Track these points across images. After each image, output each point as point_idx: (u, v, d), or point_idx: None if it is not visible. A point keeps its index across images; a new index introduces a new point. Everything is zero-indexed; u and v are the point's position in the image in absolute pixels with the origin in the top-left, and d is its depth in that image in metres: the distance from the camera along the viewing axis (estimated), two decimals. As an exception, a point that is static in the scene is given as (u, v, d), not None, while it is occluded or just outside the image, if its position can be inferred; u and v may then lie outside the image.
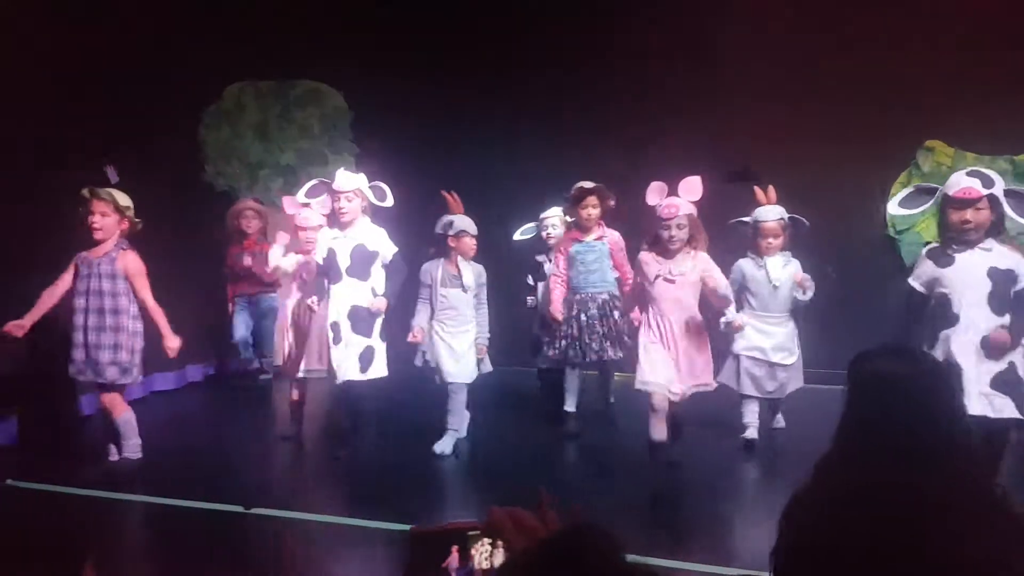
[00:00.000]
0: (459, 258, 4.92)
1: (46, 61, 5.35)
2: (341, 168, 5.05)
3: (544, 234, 5.76)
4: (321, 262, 4.86)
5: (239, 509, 4.06)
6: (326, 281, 4.90)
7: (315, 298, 5.04)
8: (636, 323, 4.86)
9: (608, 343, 5.22)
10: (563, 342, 5.26)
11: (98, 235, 4.43)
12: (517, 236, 6.05)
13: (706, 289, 4.30)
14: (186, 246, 6.46)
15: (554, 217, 5.70)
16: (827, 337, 5.59)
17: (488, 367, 5.13)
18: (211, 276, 6.67)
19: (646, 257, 4.38)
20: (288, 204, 5.27)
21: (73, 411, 5.62)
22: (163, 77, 6.25)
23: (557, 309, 5.26)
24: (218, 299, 6.68)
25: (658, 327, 4.31)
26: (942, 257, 3.81)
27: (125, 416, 4.58)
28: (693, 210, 4.26)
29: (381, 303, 4.78)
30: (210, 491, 4.26)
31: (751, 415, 4.96)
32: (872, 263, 6.48)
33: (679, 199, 4.25)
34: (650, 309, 4.38)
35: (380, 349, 4.87)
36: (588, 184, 5.20)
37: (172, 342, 4.55)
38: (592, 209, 5.22)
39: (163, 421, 5.61)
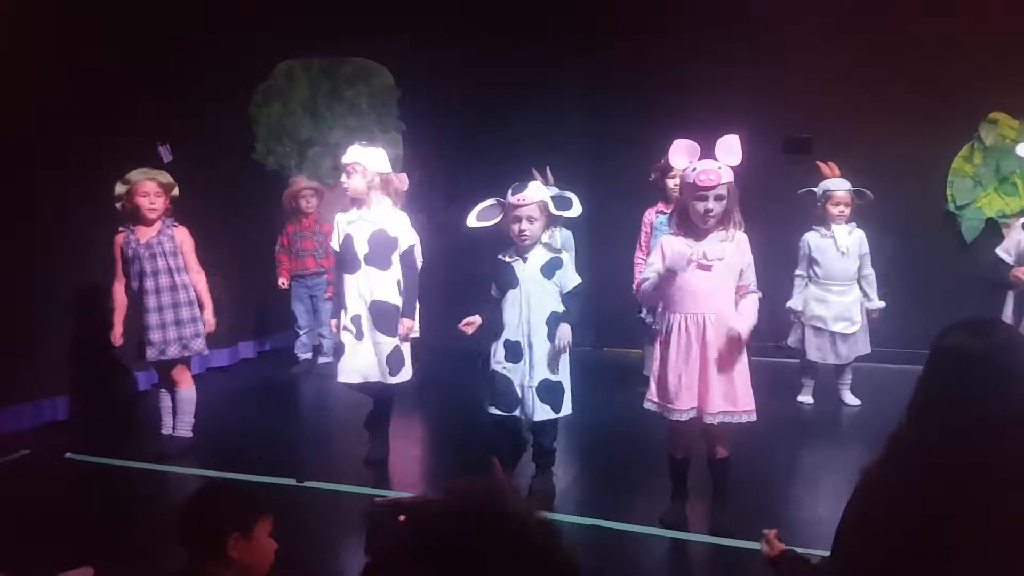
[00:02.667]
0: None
1: (96, 38, 5.39)
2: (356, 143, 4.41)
3: (517, 229, 3.77)
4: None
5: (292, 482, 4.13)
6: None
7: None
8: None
9: None
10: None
11: (152, 216, 4.45)
12: (473, 222, 3.84)
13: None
14: (238, 225, 6.54)
15: (531, 205, 3.75)
16: (885, 316, 5.48)
17: None
18: (263, 254, 6.68)
19: (672, 240, 3.48)
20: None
21: (130, 389, 5.73)
22: (214, 55, 6.28)
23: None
24: (271, 277, 6.69)
25: (686, 330, 3.40)
26: None
27: (190, 393, 4.67)
28: (732, 178, 3.39)
29: (408, 326, 4.33)
30: (264, 464, 4.32)
31: (808, 381, 5.40)
32: (929, 239, 6.30)
33: (716, 163, 3.36)
34: (675, 307, 3.46)
35: (407, 351, 4.39)
36: None
37: (212, 317, 4.67)
38: None
39: (218, 396, 5.67)
